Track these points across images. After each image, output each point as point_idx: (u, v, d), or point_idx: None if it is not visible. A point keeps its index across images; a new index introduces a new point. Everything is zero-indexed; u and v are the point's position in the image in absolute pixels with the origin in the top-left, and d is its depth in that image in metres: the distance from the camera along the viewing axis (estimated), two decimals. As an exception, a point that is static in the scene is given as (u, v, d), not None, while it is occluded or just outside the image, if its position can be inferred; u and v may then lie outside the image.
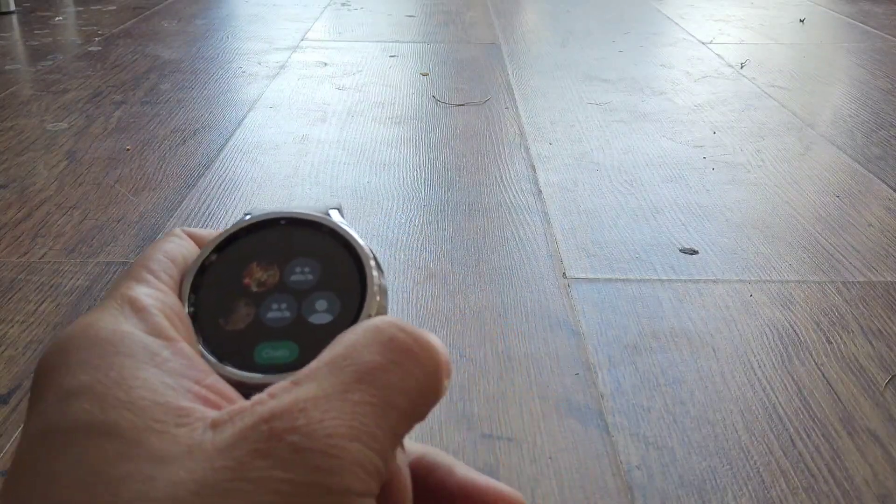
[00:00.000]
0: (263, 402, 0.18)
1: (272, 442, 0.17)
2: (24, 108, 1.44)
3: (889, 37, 2.04)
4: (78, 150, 1.25)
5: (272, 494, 0.16)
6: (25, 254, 0.94)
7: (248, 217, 0.23)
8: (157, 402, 0.18)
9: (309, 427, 0.17)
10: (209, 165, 1.20)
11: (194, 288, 0.22)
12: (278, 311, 0.21)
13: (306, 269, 0.22)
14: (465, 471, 0.24)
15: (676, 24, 2.19)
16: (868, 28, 2.13)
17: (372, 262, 0.22)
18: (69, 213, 1.04)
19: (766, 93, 1.58)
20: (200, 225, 1.01)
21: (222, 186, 1.13)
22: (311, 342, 0.21)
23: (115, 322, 0.19)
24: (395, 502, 0.20)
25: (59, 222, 1.02)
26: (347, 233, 0.23)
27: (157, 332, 0.19)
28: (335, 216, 0.23)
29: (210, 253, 0.22)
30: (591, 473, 0.63)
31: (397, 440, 0.18)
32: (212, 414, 0.18)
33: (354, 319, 0.21)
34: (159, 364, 0.19)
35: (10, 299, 0.85)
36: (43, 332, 0.79)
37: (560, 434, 0.67)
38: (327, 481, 0.16)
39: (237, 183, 1.14)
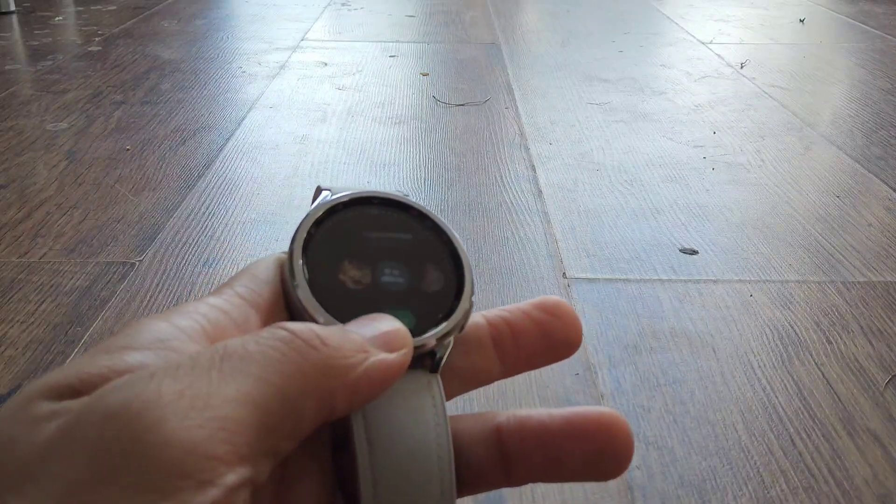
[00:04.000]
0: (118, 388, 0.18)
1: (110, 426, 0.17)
2: (24, 108, 1.44)
3: (889, 37, 2.04)
4: (78, 150, 1.25)
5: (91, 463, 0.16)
6: (25, 254, 0.94)
7: (326, 192, 0.24)
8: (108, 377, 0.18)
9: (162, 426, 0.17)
10: (209, 165, 1.20)
11: (305, 252, 0.22)
12: (391, 277, 0.22)
13: (406, 241, 0.24)
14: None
15: (676, 24, 2.19)
16: (868, 28, 2.13)
17: (460, 241, 0.25)
18: (69, 213, 1.04)
19: (766, 93, 1.58)
20: (200, 224, 1.01)
21: (222, 186, 1.13)
22: (425, 310, 0.22)
23: (157, 319, 0.20)
24: None
25: (59, 222, 1.02)
26: (434, 214, 0.25)
27: (187, 332, 0.20)
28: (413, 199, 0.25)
29: (312, 225, 0.23)
30: (591, 473, 0.62)
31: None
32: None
33: (459, 290, 0.23)
34: (157, 352, 0.19)
35: (10, 299, 0.85)
36: (43, 332, 0.79)
37: (560, 434, 0.66)
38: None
39: (237, 183, 1.14)
